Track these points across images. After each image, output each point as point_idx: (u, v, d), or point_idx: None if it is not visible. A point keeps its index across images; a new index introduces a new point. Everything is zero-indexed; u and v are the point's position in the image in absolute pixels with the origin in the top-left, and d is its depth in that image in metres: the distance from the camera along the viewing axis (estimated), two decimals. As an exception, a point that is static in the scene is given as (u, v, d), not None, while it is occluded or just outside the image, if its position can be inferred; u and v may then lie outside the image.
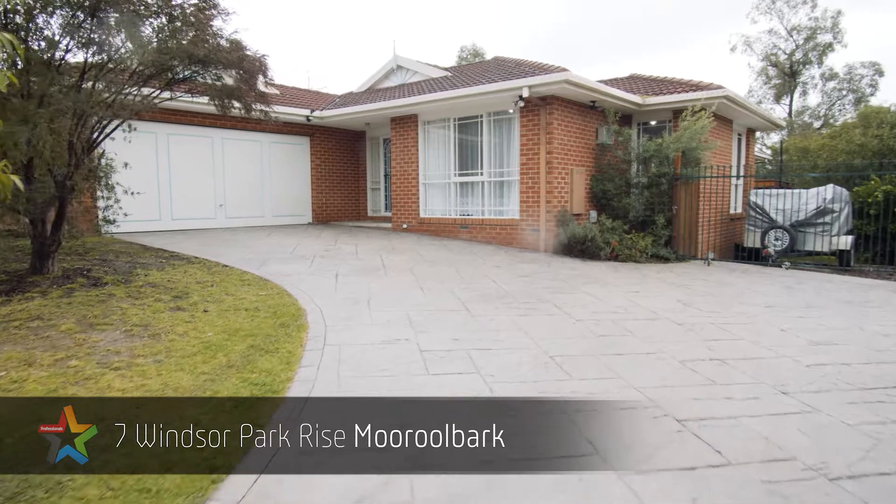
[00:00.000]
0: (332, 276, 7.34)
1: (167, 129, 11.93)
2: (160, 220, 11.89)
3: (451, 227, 12.01)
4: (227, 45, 6.90)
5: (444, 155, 12.35)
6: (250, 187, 13.47)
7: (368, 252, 9.44)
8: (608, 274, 8.52)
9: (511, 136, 11.16)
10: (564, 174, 10.66)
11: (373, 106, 12.76)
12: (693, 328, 5.49)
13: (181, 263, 7.75)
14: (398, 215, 13.14)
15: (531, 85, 9.83)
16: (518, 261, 9.29)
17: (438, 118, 12.36)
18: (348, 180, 15.63)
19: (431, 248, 10.34)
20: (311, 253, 9.08)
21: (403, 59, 16.13)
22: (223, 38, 6.90)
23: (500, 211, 11.41)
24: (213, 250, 9.01)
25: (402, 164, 13.03)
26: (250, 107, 7.58)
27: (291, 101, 14.39)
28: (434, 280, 7.37)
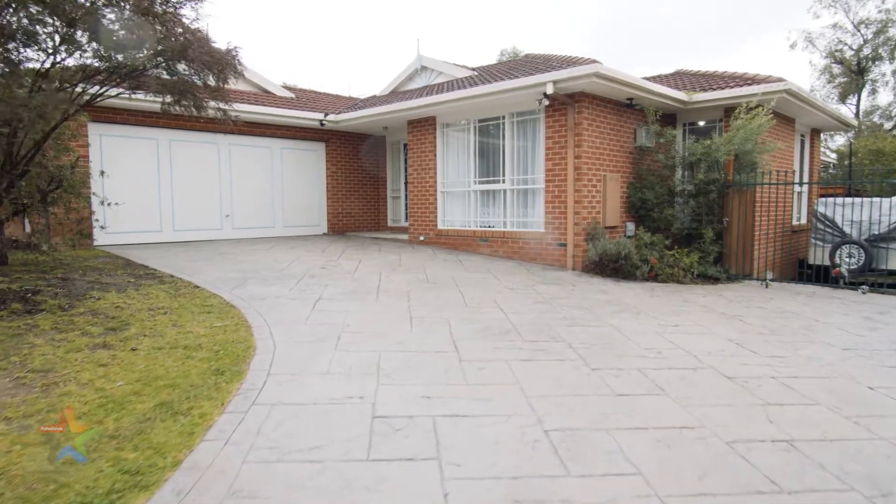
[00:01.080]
0: (312, 300, 6.31)
1: (169, 134, 11.26)
2: (161, 232, 11.21)
3: (471, 240, 10.85)
4: (178, 32, 5.96)
5: (464, 160, 11.22)
6: (260, 196, 12.69)
7: (369, 269, 8.40)
8: (643, 299, 7.18)
9: (536, 138, 9.94)
10: (596, 181, 9.35)
11: (386, 108, 11.77)
12: (747, 384, 4.16)
13: (150, 284, 6.89)
14: (415, 226, 12.08)
15: (556, 80, 8.60)
16: (539, 281, 8.05)
17: (457, 120, 11.26)
18: (367, 188, 14.70)
19: (443, 264, 9.21)
20: (303, 270, 8.11)
21: (428, 59, 15.13)
22: (177, 26, 5.96)
23: (524, 223, 10.18)
24: (197, 266, 8.16)
25: (418, 170, 11.98)
26: (201, 104, 6.59)
27: (307, 104, 13.58)
28: (431, 307, 6.24)
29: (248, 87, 13.28)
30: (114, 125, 10.54)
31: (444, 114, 11.30)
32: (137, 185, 10.88)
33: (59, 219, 8.57)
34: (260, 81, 13.41)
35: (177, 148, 11.37)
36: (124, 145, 10.71)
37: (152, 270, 7.76)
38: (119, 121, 10.52)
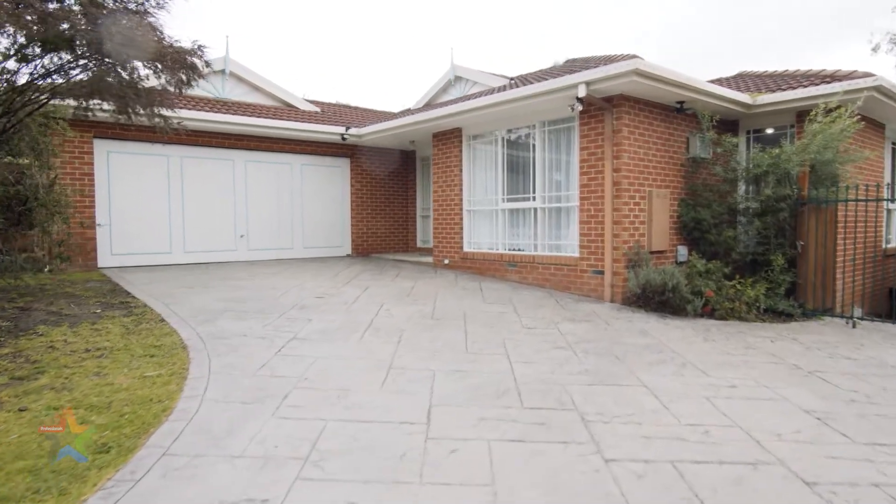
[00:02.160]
0: (282, 341, 5.32)
1: (181, 151, 10.71)
2: (170, 254, 10.62)
3: (498, 264, 9.66)
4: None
5: (491, 176, 10.09)
6: (278, 216, 11.97)
7: (372, 300, 7.37)
8: (693, 343, 5.78)
9: (570, 150, 8.70)
10: (639, 198, 8.00)
11: (408, 119, 10.82)
12: (837, 496, 2.80)
13: (114, 316, 6.11)
14: (440, 249, 11.00)
15: (589, 81, 7.38)
16: (566, 317, 6.77)
17: (485, 131, 10.16)
18: (395, 207, 13.77)
19: (460, 294, 8.06)
20: (296, 300, 7.16)
21: (462, 68, 14.20)
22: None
23: (556, 246, 8.91)
24: (184, 295, 7.36)
25: (443, 187, 10.93)
26: (127, 109, 5.74)
27: (332, 119, 12.85)
28: (421, 353, 5.11)
29: (270, 102, 12.68)
30: (122, 141, 10.07)
31: (469, 124, 10.23)
32: (146, 205, 10.35)
33: (61, 240, 8.08)
34: (282, 95, 12.80)
35: (189, 165, 10.81)
36: (133, 162, 10.22)
37: (129, 300, 7.01)
38: (128, 137, 10.04)
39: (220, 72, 11.90)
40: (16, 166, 6.94)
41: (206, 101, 11.30)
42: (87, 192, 9.63)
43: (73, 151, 9.48)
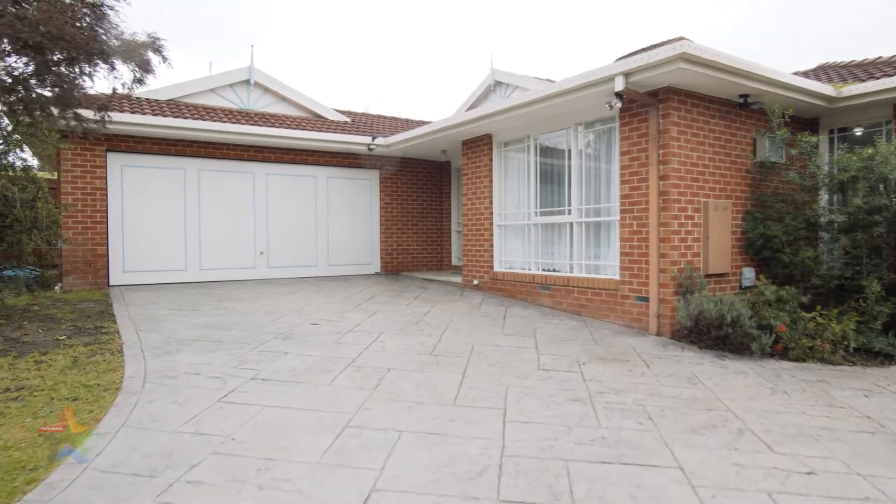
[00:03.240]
0: (236, 383, 4.44)
1: (198, 164, 10.24)
2: (185, 271, 10.12)
3: (530, 286, 8.51)
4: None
5: (524, 186, 8.98)
6: (301, 231, 11.30)
7: (372, 328, 6.43)
8: (757, 397, 4.45)
9: (610, 155, 7.50)
10: (692, 211, 6.69)
11: (434, 126, 9.90)
12: None
13: (74, 345, 5.45)
14: (469, 268, 9.96)
15: (629, 71, 6.20)
16: (597, 355, 5.56)
17: (516, 137, 9.09)
18: (428, 222, 12.85)
19: (478, 322, 6.99)
20: (282, 329, 6.32)
21: (503, 73, 13.23)
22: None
23: (595, 267, 7.68)
24: (168, 318, 6.68)
25: (473, 199, 9.91)
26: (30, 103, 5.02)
27: (361, 129, 12.13)
28: (398, 403, 4.09)
29: (298, 112, 12.12)
30: (136, 154, 9.68)
31: (499, 129, 9.19)
32: (161, 220, 9.91)
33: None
34: (310, 105, 12.21)
35: (206, 178, 10.32)
36: (147, 176, 9.81)
37: (107, 324, 6.38)
38: (141, 150, 9.65)
39: (245, 82, 11.44)
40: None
41: (228, 111, 10.84)
42: (98, 208, 9.27)
43: (85, 165, 9.15)
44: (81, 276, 9.13)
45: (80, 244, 9.09)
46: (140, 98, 10.28)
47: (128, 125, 9.03)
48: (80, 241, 9.09)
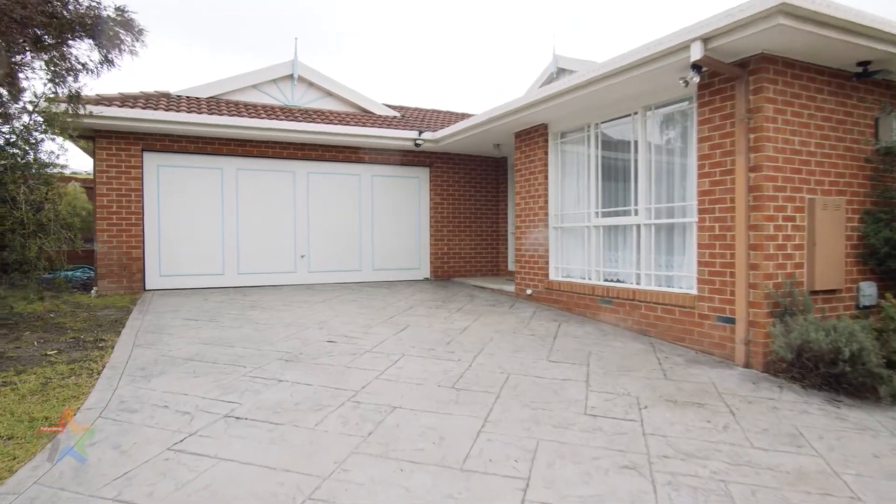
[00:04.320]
0: (207, 420, 3.65)
1: (237, 162, 9.76)
2: (222, 275, 9.66)
3: (589, 299, 7.33)
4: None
5: (583, 183, 7.80)
6: (344, 234, 10.62)
7: (395, 348, 5.53)
8: (891, 470, 3.15)
9: (686, 143, 6.21)
10: (793, 210, 5.31)
11: (482, 117, 8.88)
12: None
13: (57, 362, 4.91)
14: (522, 275, 8.87)
15: (709, 34, 4.94)
16: (665, 394, 4.37)
17: (574, 126, 7.91)
18: (482, 223, 11.84)
19: (522, 343, 5.93)
20: (292, 347, 5.54)
21: (566, 59, 12.05)
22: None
23: (666, 279, 6.41)
24: (172, 330, 6.08)
25: (526, 198, 8.81)
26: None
27: (412, 124, 11.30)
28: (389, 462, 3.15)
29: (344, 107, 11.46)
30: (172, 154, 9.32)
31: (555, 117, 8.05)
32: (198, 222, 9.50)
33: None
34: (357, 100, 11.51)
35: (244, 178, 9.83)
36: (184, 176, 9.43)
37: (109, 337, 5.84)
38: (177, 149, 9.27)
39: (288, 77, 10.90)
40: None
41: (268, 108, 10.32)
42: (133, 209, 8.95)
43: (120, 166, 8.85)
44: (116, 280, 8.84)
45: (115, 247, 8.80)
46: (180, 96, 9.95)
47: (161, 123, 8.64)
48: (115, 244, 8.80)
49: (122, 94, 9.13)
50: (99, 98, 8.63)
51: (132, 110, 8.48)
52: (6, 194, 5.79)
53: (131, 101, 8.87)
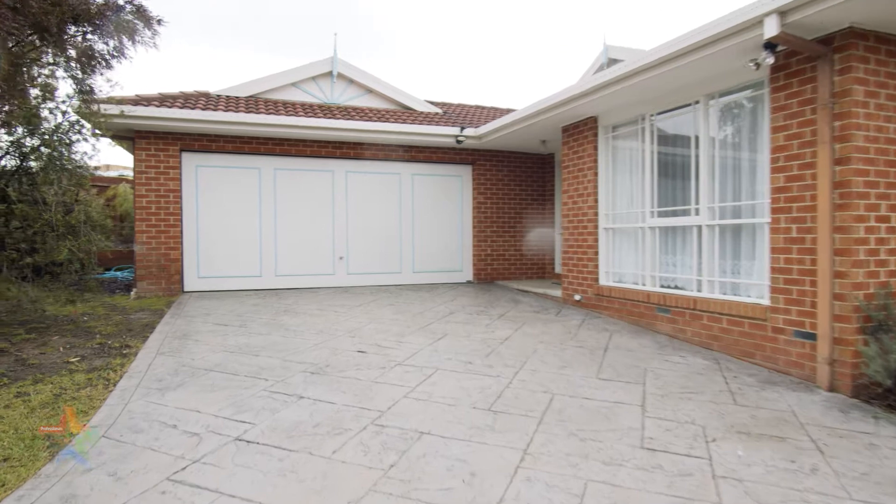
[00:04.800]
0: (215, 444, 3.32)
1: (274, 162, 9.58)
2: (260, 277, 9.50)
3: (644, 307, 6.71)
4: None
5: (637, 180, 7.17)
6: (383, 235, 10.29)
7: (430, 360, 5.11)
8: None
9: (756, 134, 5.52)
10: (889, 208, 4.59)
11: (526, 111, 8.35)
12: None
13: (77, 370, 4.72)
14: (570, 279, 8.30)
15: (787, 7, 4.28)
16: (737, 423, 3.77)
17: (626, 118, 7.29)
18: (527, 224, 11.28)
19: (570, 356, 5.40)
20: (319, 358, 5.20)
21: (618, 49, 11.37)
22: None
23: (733, 286, 5.73)
24: (201, 336, 5.85)
25: (574, 197, 8.23)
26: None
27: (453, 120, 10.87)
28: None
29: (385, 104, 11.13)
30: (210, 154, 9.21)
31: (606, 108, 7.45)
32: (235, 223, 9.37)
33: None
34: (398, 97, 11.16)
35: (282, 178, 9.64)
36: (222, 176, 9.30)
37: (136, 343, 5.66)
38: (215, 149, 9.14)
39: (328, 74, 10.65)
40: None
41: (307, 106, 10.10)
42: (172, 210, 8.87)
43: (158, 166, 8.79)
44: (155, 282, 8.78)
45: (154, 248, 8.74)
46: (219, 95, 9.84)
47: (198, 122, 8.52)
48: (154, 245, 8.74)
49: (161, 95, 9.07)
50: (138, 98, 8.59)
51: (169, 109, 8.39)
52: (38, 195, 5.69)
53: (170, 101, 8.79)
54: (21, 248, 6.01)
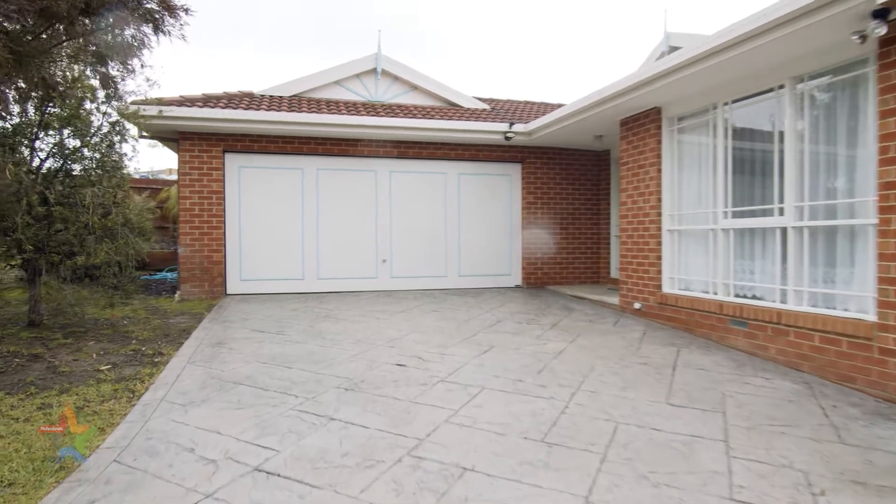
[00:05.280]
0: (227, 477, 2.93)
1: (317, 162, 9.31)
2: (302, 280, 9.25)
3: (716, 318, 6.00)
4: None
5: (706, 177, 6.46)
6: (428, 237, 9.88)
7: (475, 377, 4.63)
8: None
9: (856, 121, 4.76)
10: None
11: (580, 104, 7.74)
12: None
13: (105, 380, 4.48)
14: (628, 286, 7.64)
15: (906, -34, 3.56)
16: (847, 470, 3.11)
17: (695, 108, 6.59)
18: (580, 225, 10.62)
19: (633, 375, 4.80)
20: (354, 372, 4.79)
21: (679, 35, 10.63)
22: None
23: (826, 297, 4.97)
24: (236, 344, 5.56)
25: (633, 196, 7.57)
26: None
27: (502, 116, 10.34)
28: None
29: (431, 101, 10.72)
30: (252, 154, 9.02)
31: (671, 98, 6.77)
32: (278, 224, 9.15)
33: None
34: (445, 93, 10.73)
35: (325, 178, 9.36)
36: (264, 177, 9.10)
37: (167, 351, 5.41)
38: (258, 149, 8.95)
39: (371, 71, 10.33)
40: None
41: (350, 104, 9.79)
42: (214, 212, 8.72)
43: (202, 168, 8.65)
44: (198, 284, 8.65)
45: (197, 250, 8.61)
46: (263, 95, 9.66)
47: (240, 122, 8.33)
48: (197, 247, 8.61)
49: (205, 95, 8.95)
50: (182, 99, 8.48)
51: (212, 110, 8.23)
52: (77, 198, 5.54)
53: (213, 102, 8.64)
54: (62, 250, 5.89)
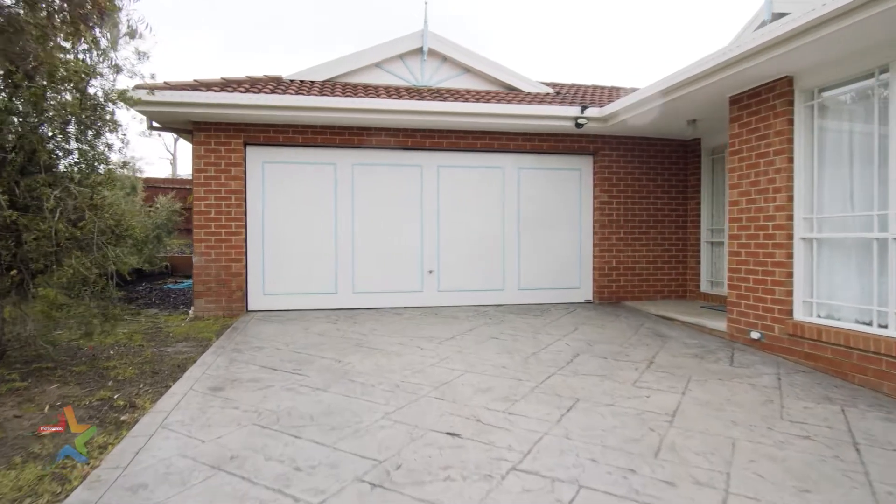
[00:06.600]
0: None
1: (353, 156, 7.99)
2: (335, 294, 7.95)
3: (875, 361, 4.31)
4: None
5: (862, 169, 4.74)
6: (482, 243, 8.41)
7: (556, 469, 3.14)
8: None
9: None
10: None
11: (679, 77, 6.10)
12: None
13: (18, 460, 3.21)
14: (742, 308, 5.96)
15: None
16: None
17: (845, 76, 4.88)
18: (664, 228, 8.92)
19: (801, 464, 3.19)
20: (387, 442, 3.37)
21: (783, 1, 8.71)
22: None
23: None
24: (233, 393, 4.23)
25: (748, 192, 5.88)
26: None
27: (571, 101, 8.74)
28: None
29: (486, 85, 9.22)
30: (277, 148, 7.79)
31: (809, 64, 5.06)
32: (307, 229, 7.88)
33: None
34: (502, 76, 9.19)
35: (361, 175, 8.03)
36: (291, 174, 7.85)
37: (142, 403, 4.14)
38: (283, 141, 7.70)
39: (417, 51, 8.93)
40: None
41: (393, 89, 8.43)
42: (233, 215, 7.52)
43: (219, 164, 7.47)
44: (214, 299, 7.47)
45: (213, 259, 7.43)
46: (292, 80, 8.41)
47: (260, 109, 7.09)
48: (213, 256, 7.43)
49: (224, 79, 7.75)
50: (196, 83, 7.31)
51: (230, 94, 7.01)
52: (43, 199, 4.33)
53: (233, 86, 7.43)
54: (31, 267, 4.72)
